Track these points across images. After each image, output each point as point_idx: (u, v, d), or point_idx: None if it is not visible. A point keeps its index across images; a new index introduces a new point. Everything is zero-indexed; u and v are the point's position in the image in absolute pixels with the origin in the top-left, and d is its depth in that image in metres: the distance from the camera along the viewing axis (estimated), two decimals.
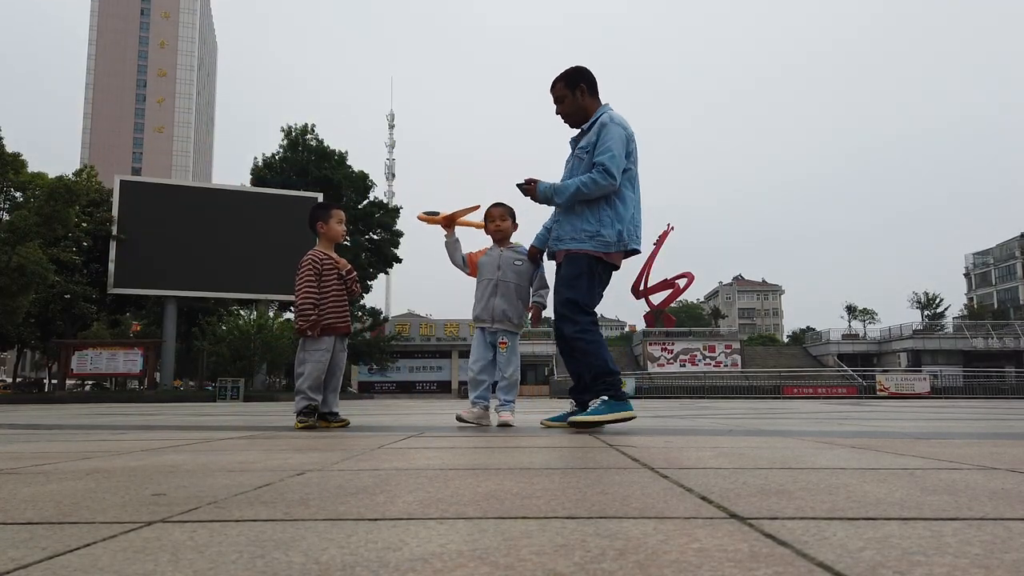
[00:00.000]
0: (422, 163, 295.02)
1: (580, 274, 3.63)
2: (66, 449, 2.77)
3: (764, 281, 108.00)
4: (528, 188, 3.75)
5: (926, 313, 64.23)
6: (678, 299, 50.58)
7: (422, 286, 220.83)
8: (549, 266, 4.09)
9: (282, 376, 35.17)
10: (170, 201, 29.59)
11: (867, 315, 69.88)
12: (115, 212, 28.58)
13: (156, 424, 5.21)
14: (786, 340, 76.07)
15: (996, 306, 69.80)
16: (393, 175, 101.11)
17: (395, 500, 1.34)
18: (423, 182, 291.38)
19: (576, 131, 3.85)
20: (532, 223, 4.26)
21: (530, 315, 4.23)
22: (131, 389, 33.49)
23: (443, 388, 53.87)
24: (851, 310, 70.66)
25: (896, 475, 1.69)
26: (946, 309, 66.22)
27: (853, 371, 39.68)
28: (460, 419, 4.12)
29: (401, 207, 41.03)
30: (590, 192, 3.58)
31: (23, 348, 39.37)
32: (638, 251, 3.78)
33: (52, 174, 27.53)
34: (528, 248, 4.25)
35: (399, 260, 40.79)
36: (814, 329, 64.98)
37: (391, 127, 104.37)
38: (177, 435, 3.59)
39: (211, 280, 29.29)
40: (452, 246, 4.44)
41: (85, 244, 30.92)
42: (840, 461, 2.03)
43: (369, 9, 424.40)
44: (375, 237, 39.88)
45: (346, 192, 37.38)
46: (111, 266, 28.20)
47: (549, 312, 4.07)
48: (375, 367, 44.44)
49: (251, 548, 0.95)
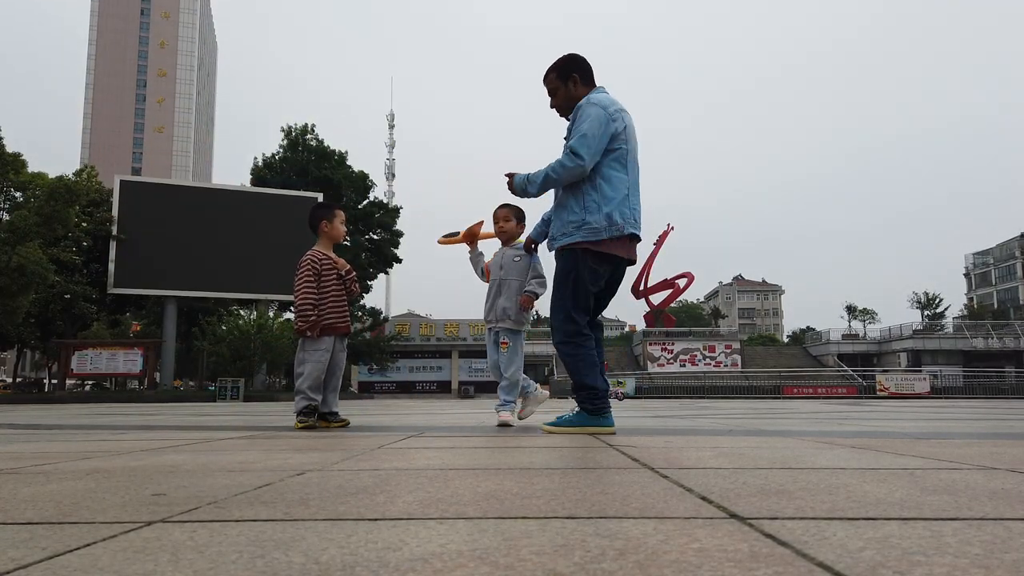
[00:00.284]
0: (422, 163, 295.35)
1: (568, 273, 3.44)
2: (66, 449, 2.77)
3: (764, 281, 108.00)
4: (508, 183, 3.62)
5: (926, 313, 64.26)
6: (678, 299, 50.60)
7: (422, 286, 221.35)
8: (549, 257, 3.99)
9: (282, 376, 35.19)
10: (170, 201, 29.61)
11: (867, 315, 69.92)
12: (115, 212, 28.61)
13: (156, 424, 5.22)
14: (786, 340, 76.10)
15: (996, 306, 69.81)
16: (393, 175, 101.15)
17: (395, 500, 1.34)
18: (423, 182, 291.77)
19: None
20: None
21: (521, 306, 4.20)
22: (131, 389, 33.50)
23: (443, 388, 53.87)
24: (851, 310, 70.69)
25: (896, 475, 1.69)
26: (946, 309, 66.30)
27: (853, 371, 39.69)
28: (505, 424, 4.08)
29: (401, 207, 41.11)
30: (559, 177, 3.38)
31: (23, 348, 39.40)
32: (638, 236, 3.50)
33: (52, 174, 27.57)
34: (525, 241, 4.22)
35: (399, 260, 40.83)
36: (814, 329, 65.00)
37: (391, 127, 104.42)
38: (177, 435, 3.59)
39: (211, 280, 29.31)
40: (476, 260, 4.49)
41: (85, 244, 30.93)
42: (840, 461, 2.03)
43: (369, 9, 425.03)
44: (375, 237, 39.92)
45: (346, 192, 37.41)
46: (111, 266, 28.22)
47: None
48: (375, 367, 44.47)
49: (251, 548, 0.95)
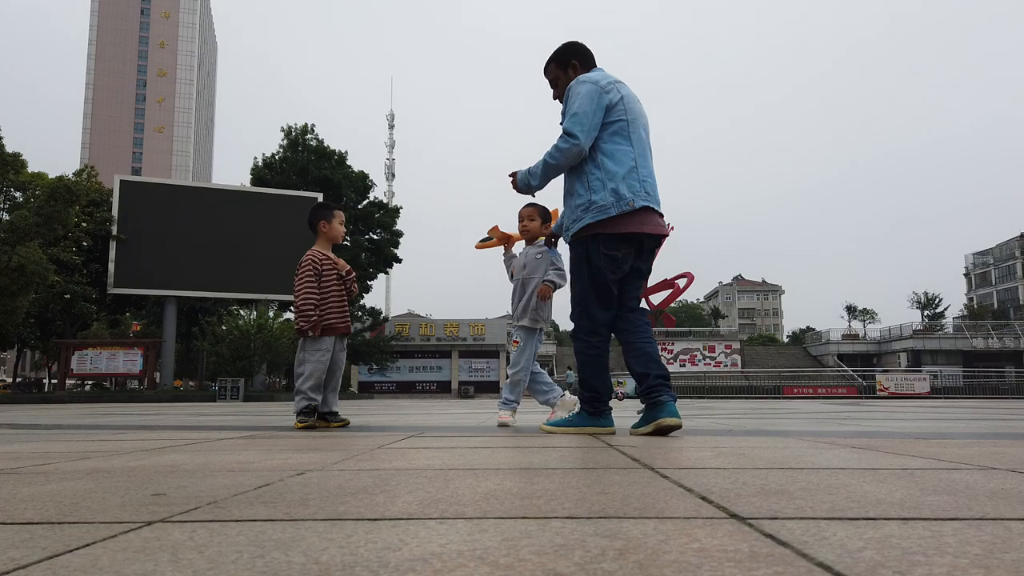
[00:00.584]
0: (422, 163, 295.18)
1: (581, 264, 3.28)
2: (66, 449, 2.76)
3: (764, 281, 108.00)
4: (512, 182, 3.50)
5: (926, 313, 64.32)
6: (678, 299, 50.52)
7: (422, 286, 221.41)
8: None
9: (282, 376, 35.17)
10: (170, 201, 29.58)
11: (867, 315, 69.98)
12: (115, 212, 28.58)
13: (156, 424, 5.21)
14: (786, 340, 76.14)
15: (996, 306, 69.86)
16: (393, 175, 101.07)
17: (395, 500, 1.34)
18: (423, 182, 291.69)
19: None
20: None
21: (539, 296, 4.17)
22: (131, 389, 33.48)
23: (443, 388, 53.86)
24: (851, 310, 70.73)
25: (896, 475, 1.69)
26: (946, 309, 66.40)
27: (853, 371, 39.71)
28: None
29: (401, 207, 41.10)
30: (558, 162, 3.23)
31: (23, 348, 39.40)
32: (655, 210, 3.24)
33: (52, 174, 27.57)
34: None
35: (399, 260, 40.83)
36: (814, 329, 65.09)
37: (391, 127, 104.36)
38: (177, 435, 3.59)
39: (211, 280, 29.29)
40: (509, 262, 4.52)
41: (85, 244, 30.90)
42: (840, 461, 2.03)
43: (369, 9, 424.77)
44: (375, 237, 39.92)
45: (346, 192, 37.41)
46: (111, 266, 28.19)
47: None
48: (375, 367, 44.47)
49: (251, 548, 0.95)
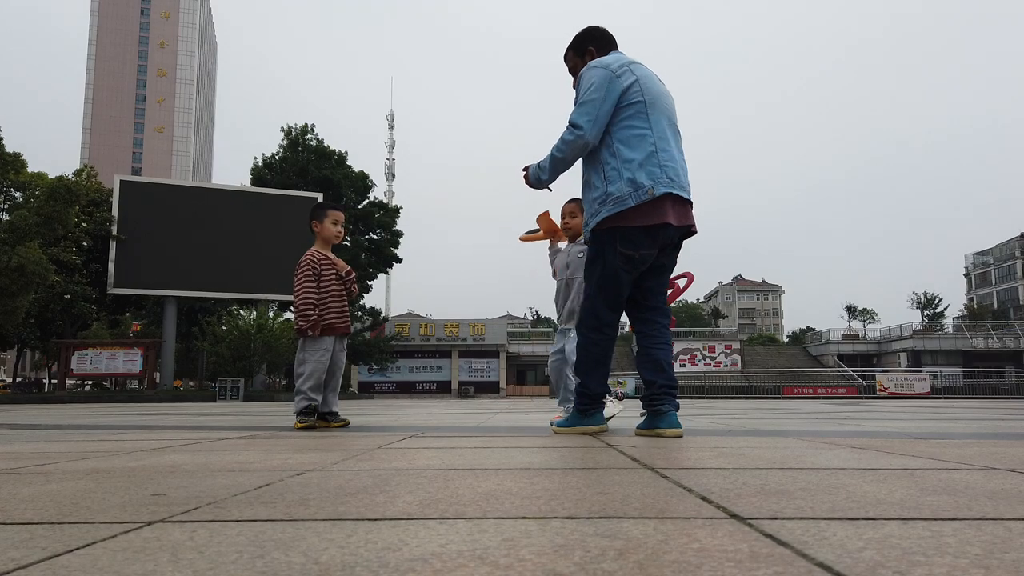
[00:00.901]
0: (422, 163, 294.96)
1: (595, 260, 3.18)
2: (66, 449, 2.76)
3: (764, 281, 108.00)
4: (524, 177, 3.41)
5: (926, 313, 64.33)
6: (678, 299, 50.54)
7: (422, 286, 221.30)
8: None
9: (282, 376, 35.17)
10: (170, 201, 29.56)
11: (867, 315, 69.99)
12: (115, 212, 28.55)
13: (156, 424, 5.21)
14: (786, 340, 76.10)
15: (996, 306, 69.88)
16: (393, 175, 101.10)
17: (395, 500, 1.34)
18: (423, 182, 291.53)
19: None
20: None
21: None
22: (131, 389, 33.45)
23: (443, 388, 53.88)
24: (851, 310, 70.75)
25: (896, 475, 1.69)
26: (946, 309, 66.43)
27: (853, 371, 39.70)
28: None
29: (401, 207, 41.13)
30: (564, 154, 3.14)
31: (23, 348, 39.39)
32: (681, 197, 3.05)
33: (52, 174, 27.55)
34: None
35: (399, 260, 40.84)
36: (814, 329, 65.10)
37: (391, 127, 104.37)
38: (177, 435, 3.59)
39: (211, 280, 29.28)
40: (553, 256, 4.49)
41: (85, 244, 30.87)
42: (840, 461, 2.03)
43: (369, 9, 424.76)
44: (375, 237, 39.92)
45: (346, 192, 37.41)
46: (111, 266, 28.18)
47: None
48: (375, 367, 44.48)
49: (251, 548, 0.94)
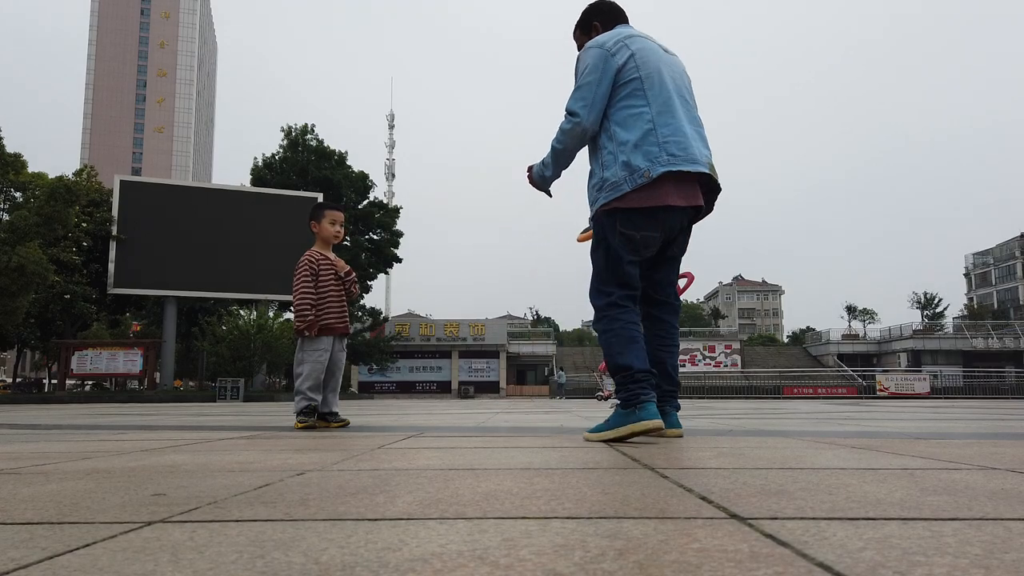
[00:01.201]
0: (422, 163, 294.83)
1: (597, 246, 3.03)
2: (66, 449, 2.76)
3: (764, 281, 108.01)
4: (528, 178, 3.26)
5: (926, 313, 64.31)
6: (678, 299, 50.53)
7: (422, 286, 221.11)
8: None
9: (282, 376, 35.17)
10: (170, 201, 29.56)
11: (867, 315, 69.94)
12: (115, 212, 28.55)
13: (156, 424, 5.21)
14: (786, 340, 76.11)
15: (996, 306, 69.91)
16: (393, 175, 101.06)
17: (395, 500, 1.34)
18: (423, 182, 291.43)
19: None
20: None
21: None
22: (131, 389, 33.45)
23: (443, 388, 53.86)
24: (851, 310, 70.70)
25: (896, 475, 1.69)
26: (946, 309, 66.40)
27: (853, 371, 39.74)
28: None
29: (401, 207, 41.13)
30: (564, 145, 2.99)
31: (23, 348, 39.39)
32: (687, 172, 2.81)
33: (52, 174, 27.54)
34: None
35: (399, 260, 40.83)
36: (814, 329, 65.09)
37: (391, 127, 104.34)
38: (177, 435, 3.59)
39: (211, 280, 29.28)
40: None
41: (85, 244, 30.87)
42: (840, 461, 2.03)
43: (369, 9, 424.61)
44: (375, 237, 39.90)
45: (346, 192, 37.40)
46: (111, 266, 28.17)
47: None
48: (375, 367, 44.47)
49: (251, 548, 0.94)
